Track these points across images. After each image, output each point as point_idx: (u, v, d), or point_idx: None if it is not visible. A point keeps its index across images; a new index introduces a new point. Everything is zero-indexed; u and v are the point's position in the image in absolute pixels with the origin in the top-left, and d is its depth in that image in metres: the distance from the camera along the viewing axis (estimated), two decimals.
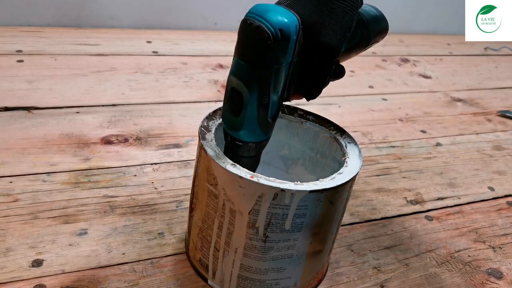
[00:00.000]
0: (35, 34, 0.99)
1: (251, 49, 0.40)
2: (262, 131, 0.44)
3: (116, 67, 0.91)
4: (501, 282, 0.56)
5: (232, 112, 0.43)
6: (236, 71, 0.42)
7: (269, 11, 0.39)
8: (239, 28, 0.40)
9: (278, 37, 0.38)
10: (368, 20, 0.47)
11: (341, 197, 0.45)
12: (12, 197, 0.56)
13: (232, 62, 0.42)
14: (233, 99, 0.42)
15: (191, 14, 1.19)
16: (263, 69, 0.40)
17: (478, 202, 0.71)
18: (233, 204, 0.43)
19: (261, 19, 0.38)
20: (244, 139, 0.44)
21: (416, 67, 1.20)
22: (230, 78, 0.42)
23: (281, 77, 0.41)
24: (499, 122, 0.98)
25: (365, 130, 0.85)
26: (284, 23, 0.38)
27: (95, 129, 0.72)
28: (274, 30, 0.38)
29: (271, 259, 0.45)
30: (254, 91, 0.41)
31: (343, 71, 0.45)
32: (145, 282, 0.49)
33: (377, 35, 0.48)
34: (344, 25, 0.42)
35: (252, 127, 0.43)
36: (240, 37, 0.41)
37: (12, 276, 0.47)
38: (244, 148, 0.44)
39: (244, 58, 0.41)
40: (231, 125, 0.44)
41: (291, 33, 0.39)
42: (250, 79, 0.41)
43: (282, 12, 0.39)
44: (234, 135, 0.44)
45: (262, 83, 0.41)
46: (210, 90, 0.90)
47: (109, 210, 0.57)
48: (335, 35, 0.41)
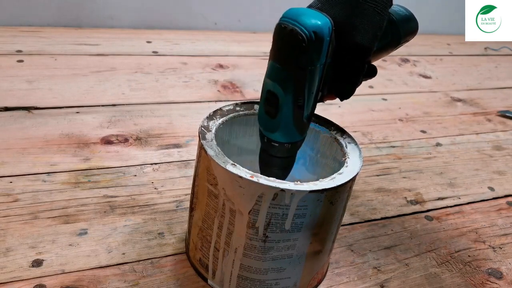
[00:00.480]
0: (35, 34, 0.99)
1: (286, 52, 0.41)
2: (298, 131, 0.45)
3: (116, 67, 0.91)
4: (501, 282, 0.56)
5: (268, 114, 0.44)
6: (272, 73, 0.43)
7: (302, 14, 0.40)
8: (274, 32, 0.42)
9: (312, 39, 0.39)
10: (398, 20, 0.47)
11: (341, 197, 0.45)
12: (12, 197, 0.56)
13: (267, 65, 0.43)
14: (269, 101, 0.44)
15: (191, 14, 1.19)
16: (298, 71, 0.41)
17: (478, 202, 0.71)
18: (233, 204, 0.43)
19: (295, 22, 0.40)
20: (280, 140, 0.45)
21: (416, 67, 1.20)
22: (266, 81, 0.44)
23: (316, 78, 0.42)
24: (499, 122, 0.98)
25: (365, 130, 0.85)
26: (318, 25, 0.40)
27: (95, 129, 0.72)
28: (308, 33, 0.39)
29: (271, 259, 0.45)
30: (289, 92, 0.42)
31: (375, 71, 0.46)
32: (145, 282, 0.49)
33: (407, 35, 0.49)
34: (375, 25, 0.43)
35: (287, 128, 0.44)
36: (275, 41, 0.42)
37: (12, 276, 0.47)
38: (280, 148, 0.46)
39: (279, 61, 0.42)
40: (267, 126, 0.45)
41: (324, 35, 0.40)
42: (286, 81, 0.42)
43: (315, 15, 0.40)
44: (270, 137, 0.45)
45: (297, 85, 0.42)
46: (210, 90, 0.90)
47: (109, 210, 0.57)
48: (366, 35, 0.42)
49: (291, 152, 0.47)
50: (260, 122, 0.46)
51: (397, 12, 0.48)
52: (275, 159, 0.47)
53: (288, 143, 0.46)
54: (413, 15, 0.49)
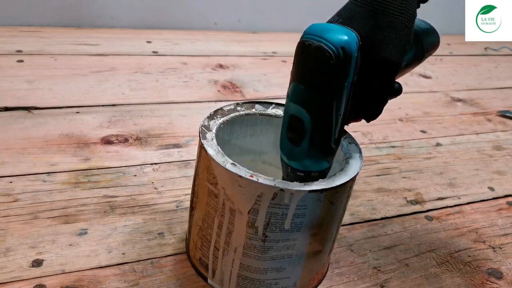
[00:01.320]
0: (35, 34, 0.99)
1: (312, 71, 0.38)
2: (325, 158, 0.42)
3: (116, 67, 0.91)
4: (501, 282, 0.56)
5: (292, 141, 0.41)
6: (296, 96, 0.40)
7: (327, 30, 0.37)
8: (296, 51, 0.39)
9: (340, 56, 0.37)
10: (420, 34, 0.45)
11: (341, 197, 0.45)
12: (12, 197, 0.56)
13: (288, 88, 0.41)
14: (292, 127, 0.41)
15: (191, 14, 1.19)
16: (325, 92, 0.38)
17: (478, 202, 0.71)
18: (232, 204, 0.43)
19: (320, 39, 0.37)
20: (306, 170, 0.42)
21: (416, 67, 1.20)
22: (288, 105, 0.41)
23: (344, 98, 0.40)
24: (499, 122, 0.98)
25: (365, 130, 0.85)
26: (345, 40, 0.37)
27: (95, 129, 0.72)
28: (335, 49, 0.37)
29: (271, 258, 0.45)
30: (316, 116, 0.39)
31: (401, 88, 0.43)
32: (145, 282, 0.49)
33: (430, 49, 0.47)
34: (404, 38, 0.40)
35: (314, 156, 0.41)
36: (298, 60, 0.39)
37: (12, 276, 0.47)
38: (306, 178, 0.42)
39: (304, 82, 0.39)
40: (292, 155, 0.42)
41: (352, 50, 0.38)
42: (312, 103, 0.39)
43: (341, 30, 0.38)
44: (294, 166, 0.42)
45: (325, 106, 0.39)
46: (210, 90, 0.90)
47: (109, 210, 0.57)
48: (395, 49, 0.40)
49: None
50: (283, 150, 0.43)
51: (419, 26, 0.45)
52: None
53: (315, 171, 0.42)
54: (434, 28, 0.47)
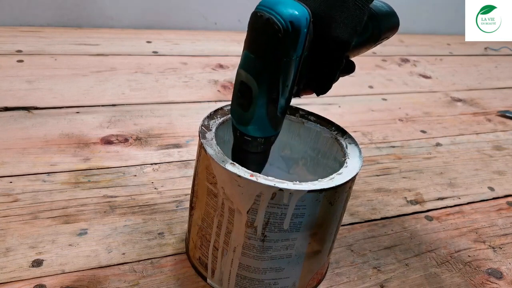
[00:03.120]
0: (35, 34, 0.99)
1: (261, 42, 0.40)
2: (271, 126, 0.43)
3: (116, 67, 0.92)
4: (501, 282, 0.56)
5: (241, 106, 0.43)
6: (246, 64, 0.41)
7: (279, 3, 0.38)
8: (249, 21, 0.40)
9: (289, 29, 0.38)
10: (379, 16, 0.46)
11: (340, 198, 0.45)
12: (12, 197, 0.56)
13: (241, 55, 0.42)
14: (242, 93, 0.42)
15: (191, 14, 1.19)
16: (273, 62, 0.40)
17: (478, 202, 0.71)
18: (232, 203, 0.43)
19: (271, 11, 0.38)
20: (253, 134, 0.43)
21: (416, 67, 1.20)
22: (239, 72, 0.42)
23: (291, 71, 0.41)
24: (499, 122, 0.98)
25: (365, 130, 0.85)
26: (295, 15, 0.38)
27: (95, 129, 0.72)
28: (284, 23, 0.38)
29: (270, 258, 0.45)
30: (263, 84, 0.40)
31: (353, 67, 0.45)
32: (145, 282, 0.49)
33: (387, 31, 0.48)
34: (355, 19, 0.41)
35: (261, 122, 0.43)
36: (249, 30, 0.40)
37: (12, 276, 0.47)
38: (253, 143, 0.44)
39: (253, 51, 0.40)
40: (240, 119, 0.43)
41: (301, 26, 0.38)
42: (260, 73, 0.40)
43: (293, 5, 0.39)
44: (243, 130, 0.44)
45: (272, 77, 0.40)
46: (210, 90, 0.90)
47: (109, 210, 0.57)
48: (345, 29, 0.41)
49: (265, 148, 0.45)
50: (233, 114, 0.44)
51: (379, 8, 0.47)
52: (248, 154, 0.45)
53: (262, 137, 0.44)
54: (394, 11, 0.48)
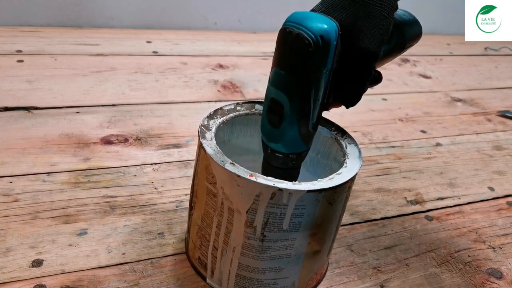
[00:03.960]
0: (35, 34, 0.99)
1: (291, 57, 0.40)
2: (303, 141, 0.44)
3: (116, 67, 0.92)
4: (501, 282, 0.56)
5: (271, 123, 0.43)
6: (276, 80, 0.41)
7: (308, 18, 0.39)
8: (277, 37, 0.40)
9: (319, 43, 0.38)
10: (402, 24, 0.46)
11: (340, 198, 0.45)
12: (12, 197, 0.56)
13: (270, 73, 0.42)
14: (272, 110, 0.42)
15: (191, 14, 1.19)
16: (304, 77, 0.40)
17: (478, 202, 0.71)
18: (231, 203, 0.43)
19: (300, 26, 0.38)
20: (284, 151, 0.44)
21: (416, 67, 1.20)
22: (269, 88, 0.42)
23: (322, 85, 0.41)
24: (499, 122, 0.98)
25: (365, 130, 0.85)
26: (324, 29, 0.38)
27: (95, 129, 0.72)
28: (314, 37, 0.38)
29: (269, 258, 0.45)
30: (295, 101, 0.41)
31: (381, 77, 0.45)
32: (145, 282, 0.49)
33: (412, 40, 0.48)
34: (382, 29, 0.41)
35: (292, 138, 0.43)
36: (279, 46, 0.41)
37: (12, 276, 0.47)
38: (284, 159, 0.44)
39: (284, 67, 0.41)
40: (271, 136, 0.44)
41: (331, 39, 0.39)
42: (291, 88, 0.41)
43: (321, 19, 0.39)
44: (274, 147, 0.44)
45: (303, 92, 0.41)
46: (210, 90, 0.90)
47: (109, 210, 0.57)
48: (373, 39, 0.41)
49: (296, 164, 0.46)
50: (263, 131, 0.44)
51: (401, 17, 0.47)
52: (279, 170, 0.45)
53: (293, 153, 0.44)
54: (417, 19, 0.48)
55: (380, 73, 0.45)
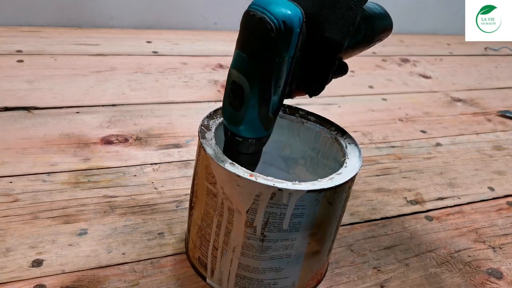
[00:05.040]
0: (35, 34, 0.99)
1: (253, 41, 0.39)
2: (263, 126, 0.43)
3: (116, 67, 0.92)
4: (501, 282, 0.56)
5: (232, 106, 0.42)
6: (237, 64, 0.41)
7: (272, 3, 0.38)
8: (241, 20, 0.40)
9: (281, 29, 0.38)
10: (372, 17, 0.46)
11: (340, 198, 0.45)
12: (12, 197, 0.56)
13: (233, 54, 0.42)
14: (233, 92, 0.42)
15: (191, 14, 1.19)
16: (265, 62, 0.39)
17: (478, 202, 0.71)
18: (231, 203, 0.43)
19: (264, 10, 0.38)
20: (244, 135, 0.43)
21: (416, 67, 1.20)
22: (231, 71, 0.42)
23: (283, 71, 0.40)
24: (499, 122, 0.98)
25: (365, 130, 0.85)
26: (288, 15, 0.38)
27: (95, 129, 0.72)
28: (277, 22, 0.38)
29: (269, 258, 0.45)
30: (255, 84, 0.40)
31: (346, 68, 0.45)
32: (145, 282, 0.49)
33: (381, 33, 0.47)
34: (348, 20, 0.41)
35: (252, 122, 0.42)
36: (242, 29, 0.40)
37: (12, 276, 0.47)
38: (244, 144, 0.44)
39: (245, 51, 0.40)
40: (231, 120, 0.43)
41: (294, 25, 0.38)
42: (252, 72, 0.40)
43: (286, 4, 0.38)
44: (234, 131, 0.43)
45: (264, 77, 0.40)
46: (210, 90, 0.90)
47: (109, 210, 0.57)
48: (338, 30, 0.41)
49: (256, 148, 0.45)
50: (224, 114, 0.44)
51: (372, 9, 0.46)
52: (239, 154, 0.44)
53: (253, 138, 0.43)
54: (387, 13, 0.48)
55: (345, 64, 0.45)
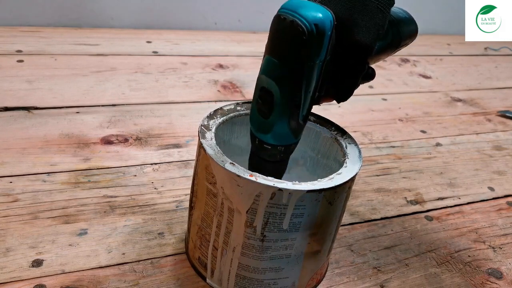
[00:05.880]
0: (35, 34, 0.99)
1: (284, 45, 0.39)
2: (292, 133, 0.43)
3: (116, 67, 0.92)
4: (501, 282, 0.56)
5: (261, 113, 0.42)
6: (267, 69, 0.40)
7: (303, 6, 0.38)
8: (271, 25, 0.39)
9: (313, 32, 0.37)
10: (398, 22, 0.46)
11: (340, 198, 0.45)
12: (12, 197, 0.56)
13: (262, 61, 0.41)
14: (262, 99, 0.41)
15: (191, 14, 1.19)
16: (296, 66, 0.39)
17: (478, 202, 0.71)
18: (231, 203, 0.43)
19: (295, 14, 0.37)
20: (273, 143, 0.43)
21: (416, 67, 1.20)
22: (260, 77, 0.41)
23: (314, 76, 0.40)
24: (499, 122, 0.98)
25: (365, 130, 0.85)
26: (319, 18, 0.37)
27: (95, 129, 0.72)
28: (309, 25, 0.37)
29: (269, 258, 0.45)
30: (285, 90, 0.40)
31: (374, 73, 0.44)
32: (145, 282, 0.49)
33: (407, 38, 0.47)
34: (378, 23, 0.40)
35: (282, 130, 0.42)
36: (272, 33, 0.40)
37: (12, 276, 0.47)
38: (272, 151, 0.43)
39: (276, 55, 0.39)
40: (260, 127, 0.42)
41: (326, 28, 0.38)
42: (282, 77, 0.40)
43: (316, 8, 0.38)
44: (262, 138, 0.43)
45: (295, 82, 0.39)
46: (210, 90, 0.90)
47: (109, 210, 0.57)
48: (368, 33, 0.40)
49: (284, 156, 0.44)
50: (252, 122, 0.43)
51: (397, 14, 0.46)
52: (266, 163, 0.44)
53: (282, 145, 0.43)
54: (413, 18, 0.48)
55: (373, 70, 0.44)
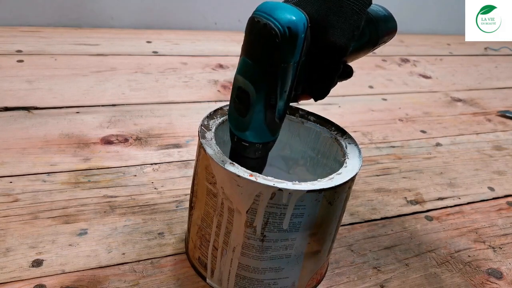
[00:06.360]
0: (35, 34, 0.99)
1: (258, 47, 0.40)
2: (269, 131, 0.44)
3: (116, 67, 0.92)
4: (501, 282, 0.56)
5: (238, 112, 0.43)
6: (243, 70, 0.41)
7: (277, 9, 0.38)
8: (246, 26, 0.40)
9: (286, 35, 0.38)
10: (376, 20, 0.46)
11: (340, 198, 0.45)
12: (12, 197, 0.56)
13: (239, 61, 0.42)
14: (239, 98, 0.42)
15: (191, 14, 1.19)
16: (270, 68, 0.40)
17: (478, 202, 0.71)
18: (231, 203, 0.43)
19: (268, 16, 0.38)
20: (250, 140, 0.43)
21: (416, 67, 1.20)
22: (237, 77, 0.42)
23: (289, 77, 0.41)
24: (499, 122, 0.98)
25: (365, 130, 0.85)
26: (292, 21, 0.38)
27: (95, 129, 0.72)
28: (282, 28, 0.38)
29: (269, 258, 0.45)
30: (261, 90, 0.41)
31: (351, 72, 0.45)
32: (145, 282, 0.49)
33: (385, 35, 0.47)
34: (353, 24, 0.41)
35: (259, 128, 0.43)
36: (247, 35, 0.40)
37: (12, 276, 0.47)
38: (250, 149, 0.44)
39: (251, 57, 0.40)
40: (238, 125, 0.44)
41: (299, 31, 0.38)
42: (257, 78, 0.40)
43: (290, 10, 0.39)
44: (240, 136, 0.44)
45: (270, 83, 0.40)
46: (210, 90, 0.90)
47: (109, 210, 0.57)
48: (343, 34, 0.41)
49: (262, 153, 0.45)
50: (230, 120, 0.44)
51: (376, 12, 0.46)
52: (245, 159, 0.44)
53: (259, 143, 0.44)
54: (392, 15, 0.48)
55: (350, 67, 0.45)
